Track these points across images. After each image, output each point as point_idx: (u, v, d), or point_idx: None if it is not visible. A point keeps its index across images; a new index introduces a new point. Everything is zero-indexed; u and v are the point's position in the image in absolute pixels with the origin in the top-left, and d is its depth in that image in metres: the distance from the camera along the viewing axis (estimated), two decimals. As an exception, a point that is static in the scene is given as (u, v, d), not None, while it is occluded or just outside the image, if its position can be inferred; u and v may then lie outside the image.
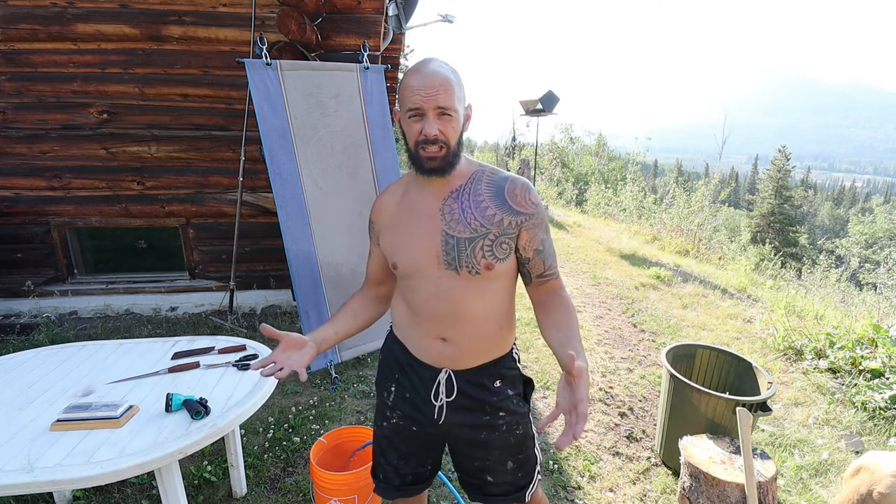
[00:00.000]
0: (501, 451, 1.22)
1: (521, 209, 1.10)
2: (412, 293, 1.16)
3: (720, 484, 1.80)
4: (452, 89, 1.04)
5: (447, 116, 1.04)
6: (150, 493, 2.03)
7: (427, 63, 1.06)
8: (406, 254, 1.13)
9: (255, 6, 3.28)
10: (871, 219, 27.19)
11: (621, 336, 3.94)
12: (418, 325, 1.17)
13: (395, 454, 1.29)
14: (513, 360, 1.24)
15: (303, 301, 2.89)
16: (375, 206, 1.23)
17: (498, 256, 1.10)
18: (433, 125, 1.03)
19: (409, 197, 1.17)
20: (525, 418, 1.24)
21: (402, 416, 1.25)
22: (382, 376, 1.30)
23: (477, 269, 1.08)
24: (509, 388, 1.21)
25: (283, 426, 2.50)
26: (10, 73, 3.44)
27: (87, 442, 1.35)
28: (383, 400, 1.29)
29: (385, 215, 1.20)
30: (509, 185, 1.11)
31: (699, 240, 8.77)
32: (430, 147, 1.04)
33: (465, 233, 1.08)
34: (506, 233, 1.09)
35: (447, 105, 1.03)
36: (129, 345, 1.98)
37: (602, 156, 17.61)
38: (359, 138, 3.08)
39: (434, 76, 1.03)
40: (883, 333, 3.40)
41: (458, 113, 1.06)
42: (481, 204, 1.09)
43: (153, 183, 3.75)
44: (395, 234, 1.16)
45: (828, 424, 2.79)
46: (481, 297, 1.12)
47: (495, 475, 1.23)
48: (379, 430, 1.32)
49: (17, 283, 3.77)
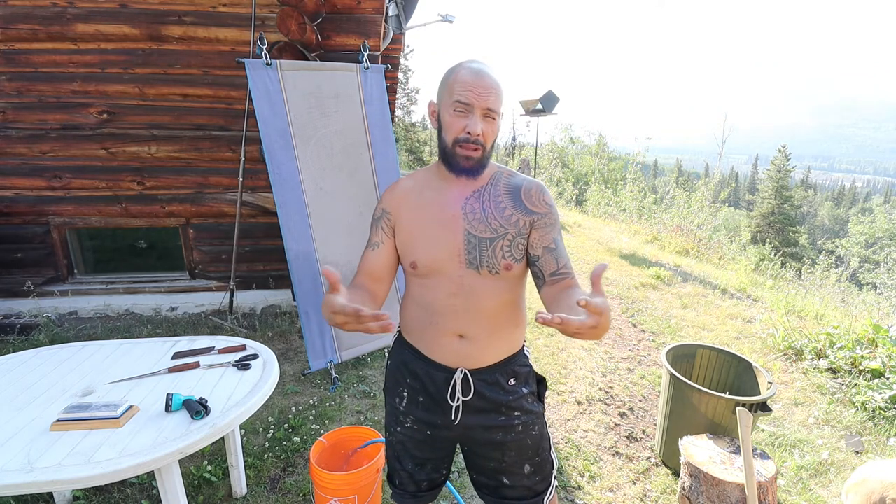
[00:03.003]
0: (518, 452, 1.21)
1: (535, 209, 1.13)
2: (430, 291, 1.15)
3: (720, 484, 1.80)
4: (501, 94, 1.07)
5: (491, 119, 1.06)
6: (150, 493, 2.03)
7: (480, 64, 1.08)
8: (427, 252, 1.13)
9: (255, 6, 3.28)
10: (871, 219, 27.18)
11: (621, 336, 3.94)
12: (434, 323, 1.16)
13: (411, 461, 1.28)
14: (525, 357, 1.25)
15: (303, 301, 2.89)
16: (391, 197, 1.20)
17: (516, 257, 1.12)
18: (479, 124, 1.04)
19: (428, 194, 1.16)
20: (540, 418, 1.24)
21: (416, 420, 1.24)
22: (393, 381, 1.28)
23: (497, 268, 1.10)
24: (523, 387, 1.21)
25: (283, 426, 2.50)
26: (10, 73, 3.44)
27: (87, 442, 1.35)
28: (395, 405, 1.27)
29: (404, 210, 1.17)
30: (525, 186, 1.14)
31: (699, 240, 8.77)
32: (470, 146, 1.05)
33: (487, 233, 1.10)
34: (521, 233, 1.11)
35: (495, 108, 1.06)
36: (129, 345, 1.98)
37: (602, 156, 17.60)
38: (359, 138, 3.09)
39: (488, 77, 1.05)
40: (883, 333, 3.40)
41: (499, 116, 1.09)
42: (500, 205, 1.12)
43: (153, 183, 3.75)
44: (416, 232, 1.15)
45: (828, 424, 2.79)
46: (499, 295, 1.14)
47: (512, 478, 1.22)
48: (392, 436, 1.30)
49: (17, 283, 3.77)
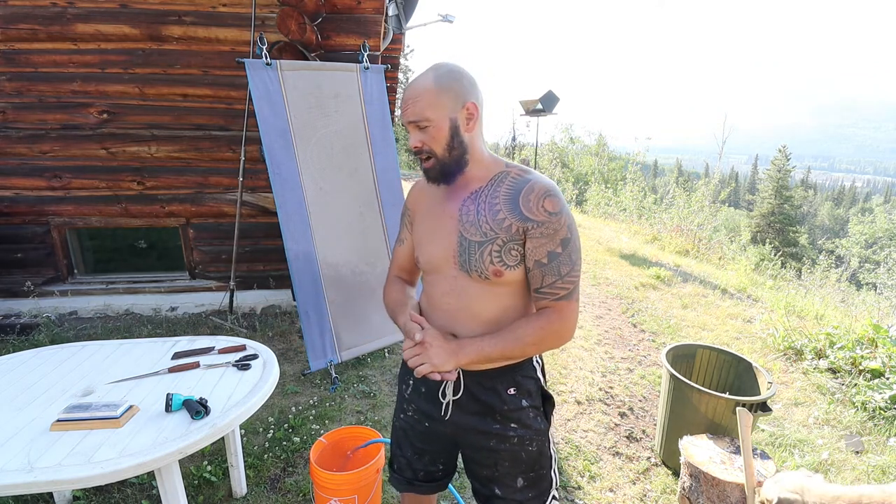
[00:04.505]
0: (512, 463, 1.17)
1: (531, 215, 1.04)
2: (431, 287, 1.19)
3: (720, 484, 1.80)
4: (424, 99, 1.03)
5: (424, 127, 1.05)
6: (150, 493, 2.03)
7: (421, 73, 1.08)
8: (427, 250, 1.17)
9: (255, 6, 3.27)
10: (871, 219, 27.19)
11: (621, 336, 3.94)
12: (433, 319, 1.18)
13: (410, 448, 1.31)
14: (532, 368, 1.19)
15: (303, 301, 2.89)
16: (411, 195, 1.27)
17: (507, 263, 1.06)
18: (414, 136, 1.08)
19: (436, 193, 1.19)
20: (542, 436, 1.19)
21: (417, 410, 1.26)
22: (404, 369, 1.32)
23: (486, 274, 1.07)
24: (524, 399, 1.16)
25: (283, 426, 2.50)
26: (10, 73, 3.44)
27: (87, 442, 1.35)
28: (402, 392, 1.32)
29: (420, 206, 1.23)
30: (526, 189, 1.06)
31: (699, 240, 8.77)
32: (423, 157, 1.09)
33: (476, 236, 1.07)
34: (513, 239, 1.05)
35: (416, 118, 1.05)
36: (129, 345, 1.98)
37: (602, 156, 17.60)
38: (359, 138, 3.09)
39: (409, 90, 1.06)
40: (883, 333, 3.40)
41: (436, 121, 1.04)
42: (495, 207, 1.07)
43: (153, 183, 3.75)
44: (422, 229, 1.20)
45: (828, 424, 2.79)
46: (495, 300, 1.11)
47: (503, 489, 1.19)
48: (397, 421, 1.34)
49: (17, 283, 3.77)
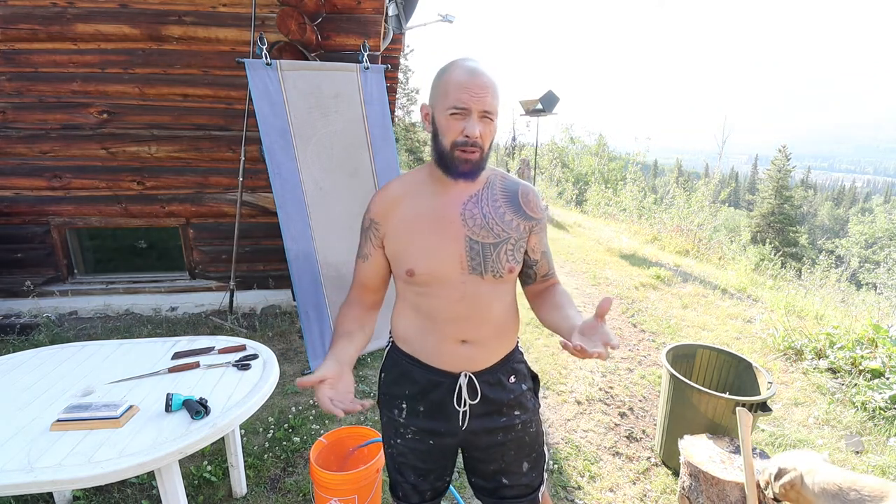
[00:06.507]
0: (517, 450, 1.22)
1: (534, 214, 1.15)
2: (430, 299, 1.11)
3: (720, 483, 1.80)
4: (497, 93, 1.02)
5: (488, 120, 1.01)
6: (150, 493, 2.03)
7: (472, 62, 1.02)
8: (427, 260, 1.08)
9: (255, 6, 3.28)
10: (871, 219, 27.20)
11: (621, 336, 3.93)
12: (435, 330, 1.14)
13: (413, 472, 1.24)
14: (520, 352, 1.27)
15: (303, 301, 2.89)
16: (379, 205, 1.14)
17: (518, 260, 1.14)
18: (476, 126, 0.99)
19: (421, 200, 1.11)
20: (537, 415, 1.26)
21: (417, 430, 1.20)
22: (390, 394, 1.24)
23: (501, 273, 1.10)
24: (522, 384, 1.24)
25: (283, 426, 2.50)
26: (10, 73, 3.44)
27: (87, 442, 1.35)
28: (393, 417, 1.23)
29: (393, 218, 1.11)
30: (522, 191, 1.15)
31: (699, 240, 8.77)
32: (469, 148, 1.01)
33: (489, 238, 1.09)
34: (522, 237, 1.13)
35: (492, 109, 1.01)
36: (129, 345, 1.98)
37: (602, 156, 17.60)
38: (359, 138, 3.08)
39: (483, 76, 1.00)
40: (883, 333, 3.40)
41: (497, 115, 1.04)
42: (499, 209, 1.11)
43: (153, 183, 3.75)
44: (412, 239, 1.10)
45: (828, 424, 2.79)
46: (499, 297, 1.15)
47: (511, 477, 1.23)
48: (392, 448, 1.26)
49: (17, 283, 3.77)
